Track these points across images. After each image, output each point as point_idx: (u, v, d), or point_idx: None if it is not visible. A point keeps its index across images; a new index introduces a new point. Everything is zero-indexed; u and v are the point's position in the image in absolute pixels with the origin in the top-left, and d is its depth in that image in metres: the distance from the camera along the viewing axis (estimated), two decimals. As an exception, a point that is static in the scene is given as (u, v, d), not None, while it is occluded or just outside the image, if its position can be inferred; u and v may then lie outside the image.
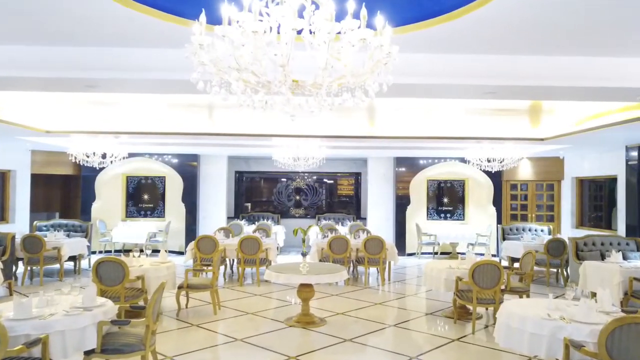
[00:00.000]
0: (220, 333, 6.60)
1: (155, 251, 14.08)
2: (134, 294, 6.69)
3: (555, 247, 9.97)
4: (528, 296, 7.38)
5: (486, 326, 6.96)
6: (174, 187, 14.46)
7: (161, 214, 14.52)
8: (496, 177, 14.26)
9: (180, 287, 7.38)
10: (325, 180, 17.25)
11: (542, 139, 9.95)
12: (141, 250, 8.04)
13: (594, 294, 8.00)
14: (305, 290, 6.84)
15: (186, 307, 7.75)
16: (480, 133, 10.04)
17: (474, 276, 6.55)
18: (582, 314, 4.37)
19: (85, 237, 11.50)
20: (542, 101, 7.77)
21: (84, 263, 11.58)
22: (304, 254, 6.98)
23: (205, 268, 7.97)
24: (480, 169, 12.02)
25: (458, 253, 13.93)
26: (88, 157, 10.76)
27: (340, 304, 8.20)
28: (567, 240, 9.97)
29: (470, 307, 7.00)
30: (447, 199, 14.77)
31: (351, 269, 10.74)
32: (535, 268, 10.13)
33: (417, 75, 4.77)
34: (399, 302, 8.58)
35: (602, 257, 8.79)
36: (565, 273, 10.12)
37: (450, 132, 10.14)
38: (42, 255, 9.50)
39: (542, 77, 4.74)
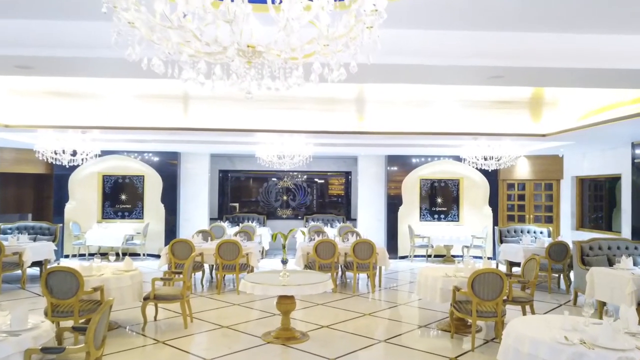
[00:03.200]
0: (187, 352, 5.83)
1: (133, 254, 13.45)
2: (92, 308, 5.91)
3: (558, 251, 9.30)
4: (532, 306, 6.71)
5: (486, 341, 6.25)
6: (153, 186, 13.65)
7: (139, 215, 13.71)
8: (492, 176, 13.61)
9: (146, 299, 6.61)
10: (314, 179, 16.51)
11: (543, 135, 9.27)
12: (110, 254, 7.25)
13: (602, 304, 7.39)
14: (286, 303, 6.10)
15: (155, 320, 6.99)
16: (477, 128, 9.35)
17: (474, 286, 5.84)
18: (606, 336, 3.67)
19: (54, 240, 10.68)
20: (544, 94, 7.11)
21: (52, 268, 10.76)
22: (284, 262, 6.23)
23: (174, 276, 7.20)
24: (476, 168, 11.36)
25: (452, 256, 13.30)
26: (57, 154, 9.95)
27: (326, 315, 7.48)
28: (570, 244, 9.33)
29: (469, 320, 6.30)
30: (441, 199, 14.08)
31: (339, 274, 10.02)
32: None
33: (410, 55, 4.05)
34: (390, 312, 7.86)
35: (610, 262, 8.13)
36: (568, 279, 9.46)
37: (445, 128, 9.44)
38: (0, 261, 8.68)
39: (560, 58, 4.01)
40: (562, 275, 9.56)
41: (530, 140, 9.61)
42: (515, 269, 10.46)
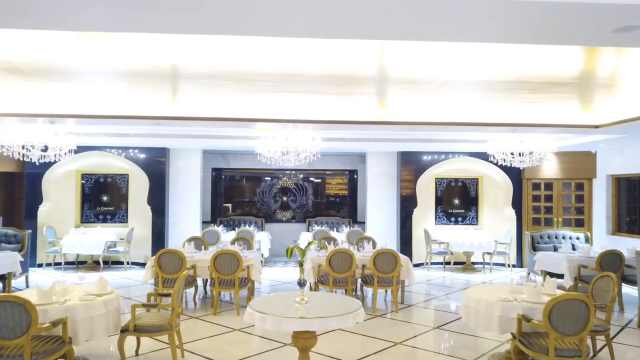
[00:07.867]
0: (177, 406, 4.44)
1: (116, 263, 11.98)
2: (49, 349, 4.46)
3: (610, 262, 7.98)
4: (608, 337, 5.39)
5: (559, 384, 4.90)
6: (139, 186, 12.17)
7: (123, 219, 12.22)
8: (515, 175, 12.33)
9: (124, 330, 5.18)
10: (316, 178, 15.10)
11: (596, 126, 7.93)
12: (79, 275, 5.84)
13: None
14: (304, 338, 4.69)
15: (136, 355, 5.57)
16: (514, 118, 7.98)
17: (551, 317, 4.49)
18: None
19: (21, 250, 9.20)
20: (600, 73, 5.72)
21: (18, 283, 9.27)
22: (301, 284, 4.83)
23: (160, 300, 5.77)
24: (499, 166, 10.07)
25: (472, 263, 12.01)
26: (25, 149, 8.46)
27: (347, 344, 6.09)
28: (624, 252, 8.06)
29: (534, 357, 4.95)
30: (458, 201, 12.72)
31: (356, 289, 8.64)
32: (581, 285, 8.17)
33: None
34: (425, 340, 6.46)
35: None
36: (621, 294, 8.13)
37: (475, 118, 8.05)
38: (-50, 278, 7.22)
39: None
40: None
41: (578, 133, 8.27)
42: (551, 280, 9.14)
